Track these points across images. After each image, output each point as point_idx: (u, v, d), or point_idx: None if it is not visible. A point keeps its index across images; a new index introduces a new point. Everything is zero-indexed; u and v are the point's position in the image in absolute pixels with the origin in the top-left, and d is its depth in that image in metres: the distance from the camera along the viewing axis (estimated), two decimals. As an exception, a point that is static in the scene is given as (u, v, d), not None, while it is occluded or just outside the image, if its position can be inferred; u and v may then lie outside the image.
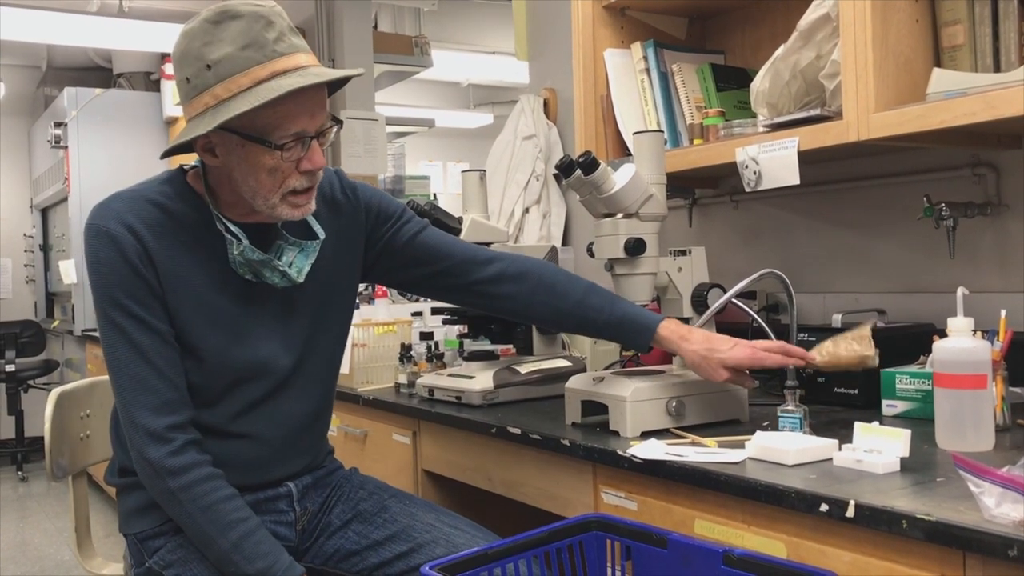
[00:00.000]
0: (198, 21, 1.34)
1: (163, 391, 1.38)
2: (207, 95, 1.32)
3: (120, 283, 1.37)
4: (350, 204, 1.58)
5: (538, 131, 2.86)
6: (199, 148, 1.38)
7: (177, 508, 1.38)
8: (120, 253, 1.36)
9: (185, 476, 1.36)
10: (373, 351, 2.32)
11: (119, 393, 1.39)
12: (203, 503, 1.36)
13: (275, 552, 1.38)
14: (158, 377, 1.38)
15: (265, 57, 1.31)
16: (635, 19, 2.19)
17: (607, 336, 1.63)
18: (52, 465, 1.87)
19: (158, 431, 1.36)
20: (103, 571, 1.92)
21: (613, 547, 1.33)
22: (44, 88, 6.46)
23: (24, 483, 5.83)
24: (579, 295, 1.58)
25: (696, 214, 2.39)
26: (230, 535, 1.36)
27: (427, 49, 4.67)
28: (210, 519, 1.36)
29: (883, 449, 1.22)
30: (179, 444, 1.37)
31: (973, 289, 1.41)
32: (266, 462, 1.52)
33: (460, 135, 7.68)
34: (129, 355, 1.37)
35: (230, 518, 1.37)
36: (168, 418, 1.37)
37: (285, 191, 1.38)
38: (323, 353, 1.57)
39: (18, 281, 6.64)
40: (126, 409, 1.38)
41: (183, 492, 1.36)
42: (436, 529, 1.55)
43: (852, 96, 1.53)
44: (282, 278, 1.45)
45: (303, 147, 1.36)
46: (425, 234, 1.63)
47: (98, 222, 1.39)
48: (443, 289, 1.65)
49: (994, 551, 0.95)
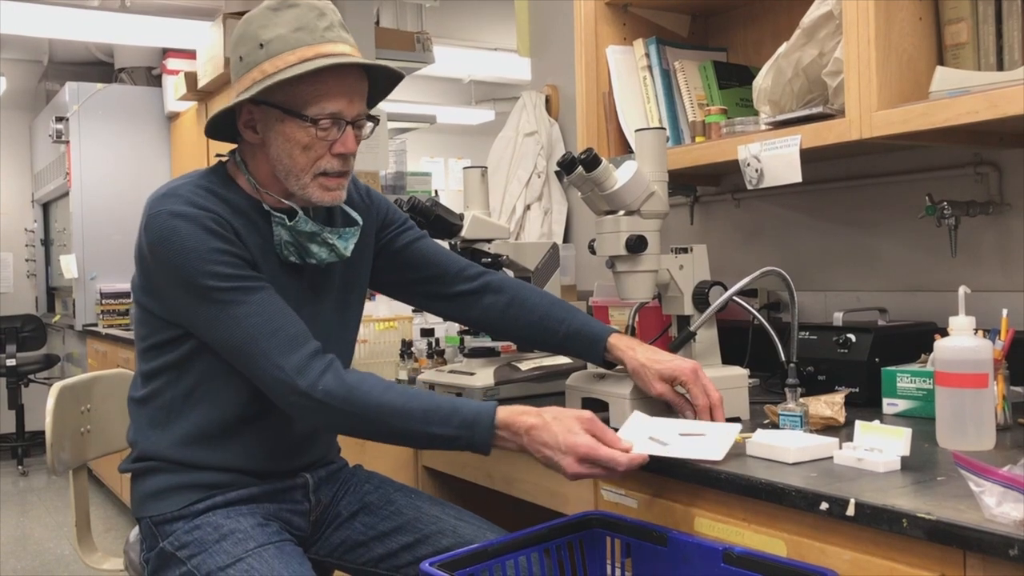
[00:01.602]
0: (259, 8, 1.44)
1: (289, 326, 1.39)
2: (256, 71, 1.41)
3: (210, 253, 1.38)
4: (364, 204, 1.65)
5: (540, 128, 2.86)
6: (241, 124, 1.46)
7: (353, 421, 1.37)
8: (203, 227, 1.39)
9: (341, 392, 1.35)
10: (374, 347, 2.33)
11: (248, 349, 1.37)
12: (373, 403, 1.35)
13: (459, 405, 1.36)
14: (280, 314, 1.39)
15: (314, 40, 1.40)
16: (637, 16, 2.18)
17: (567, 349, 1.65)
18: (53, 459, 1.87)
19: (300, 364, 1.36)
20: (103, 565, 1.93)
21: (613, 544, 1.33)
22: (45, 83, 6.46)
23: (24, 477, 5.83)
24: (544, 309, 1.65)
25: (698, 212, 2.39)
26: (415, 415, 1.34)
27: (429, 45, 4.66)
28: (389, 412, 1.35)
29: (884, 448, 1.22)
30: (321, 368, 1.36)
31: (975, 288, 1.40)
32: (291, 448, 1.55)
33: (462, 132, 7.68)
34: (241, 310, 1.38)
35: (401, 402, 1.35)
36: (304, 349, 1.37)
37: (317, 171, 1.44)
38: (341, 344, 1.62)
39: (19, 275, 6.65)
40: (261, 358, 1.37)
41: (349, 404, 1.35)
42: (442, 521, 1.56)
43: (855, 94, 1.53)
44: (330, 252, 1.50)
45: (339, 129, 1.42)
46: (422, 242, 1.71)
47: (168, 207, 1.41)
48: (428, 296, 1.71)
49: (995, 550, 0.95)
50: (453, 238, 1.99)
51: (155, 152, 5.57)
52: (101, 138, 5.44)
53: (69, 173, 5.40)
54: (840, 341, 1.68)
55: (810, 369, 1.71)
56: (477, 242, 2.02)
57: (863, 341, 1.66)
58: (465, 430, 1.33)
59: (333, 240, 1.50)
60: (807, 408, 1.45)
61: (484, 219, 2.06)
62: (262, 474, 1.50)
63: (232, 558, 1.40)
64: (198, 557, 1.43)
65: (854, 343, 1.67)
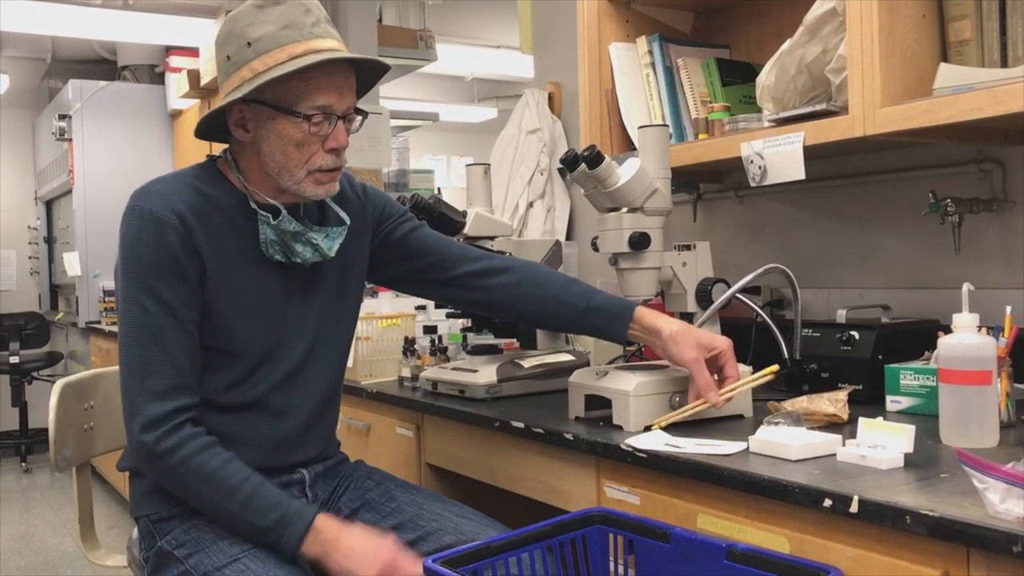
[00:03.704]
0: (244, 6, 1.44)
1: (170, 376, 1.41)
2: (245, 69, 1.41)
3: (157, 267, 1.41)
4: (359, 201, 1.65)
5: (542, 125, 2.86)
6: (232, 123, 1.46)
7: (179, 483, 1.41)
8: (164, 238, 1.41)
9: (180, 452, 1.39)
10: (377, 344, 2.33)
11: (126, 373, 1.42)
12: (203, 473, 1.39)
13: (284, 501, 1.41)
14: (168, 362, 1.41)
15: (302, 36, 1.41)
16: (640, 13, 2.18)
17: (587, 325, 1.64)
18: (56, 456, 1.87)
19: (158, 416, 1.39)
20: (106, 562, 1.93)
21: (616, 541, 1.33)
22: (48, 80, 6.46)
23: (28, 474, 5.84)
24: (560, 285, 1.64)
25: (701, 209, 2.38)
26: (237, 497, 1.39)
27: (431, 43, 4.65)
28: (214, 487, 1.39)
29: (887, 445, 1.22)
30: (173, 424, 1.39)
31: (978, 285, 1.40)
32: (284, 444, 1.55)
33: (464, 129, 7.68)
34: (145, 337, 1.41)
35: (232, 481, 1.40)
36: (170, 403, 1.40)
37: (311, 168, 1.45)
38: (334, 342, 1.62)
39: (22, 273, 6.65)
40: (129, 391, 1.41)
41: (182, 467, 1.39)
42: (444, 518, 1.56)
43: (858, 91, 1.53)
44: (314, 252, 1.51)
45: (330, 124, 1.43)
46: (421, 231, 1.71)
47: (145, 205, 1.43)
48: (431, 283, 1.70)
49: (998, 547, 0.95)
50: (456, 235, 1.99)
51: (158, 150, 5.57)
52: (104, 136, 5.44)
53: (72, 171, 5.40)
54: (843, 338, 1.68)
55: (813, 366, 1.71)
56: (480, 239, 2.02)
57: (866, 338, 1.66)
58: (279, 527, 1.39)
59: (318, 240, 1.50)
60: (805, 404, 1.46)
61: (487, 216, 2.06)
62: (260, 470, 1.48)
63: (229, 557, 1.41)
64: (196, 556, 1.43)
65: (857, 340, 1.67)
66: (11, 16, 4.63)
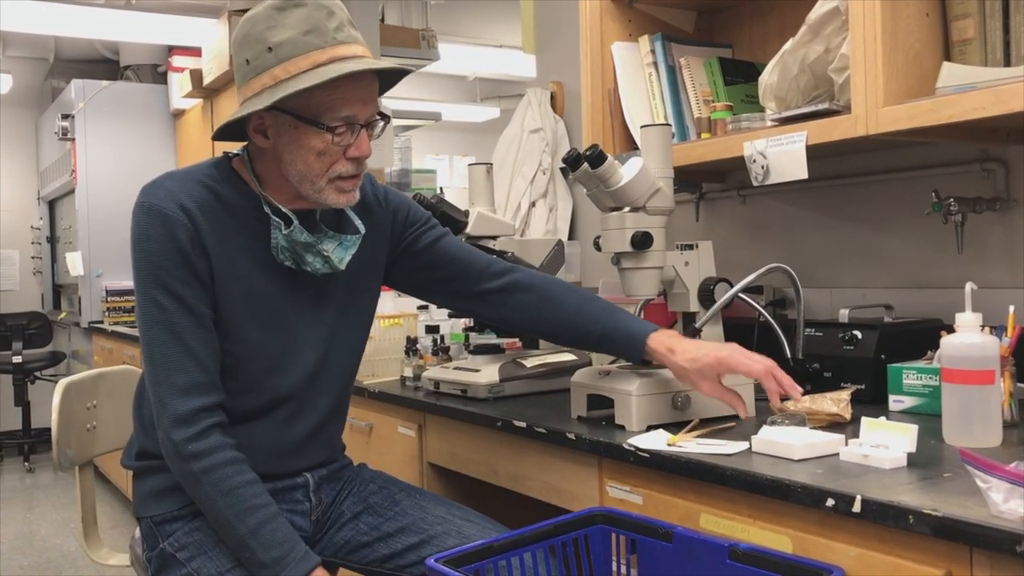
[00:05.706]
0: (263, 7, 1.40)
1: (194, 373, 1.39)
2: (266, 76, 1.37)
3: (167, 263, 1.39)
4: (380, 207, 1.62)
5: (545, 125, 2.86)
6: (251, 129, 1.43)
7: (198, 490, 1.39)
8: (172, 234, 1.39)
9: (207, 459, 1.37)
10: (379, 344, 2.33)
11: (151, 372, 1.40)
12: (224, 487, 1.37)
13: (291, 541, 1.39)
14: (191, 359, 1.39)
15: (325, 43, 1.37)
16: (643, 12, 2.18)
17: (604, 349, 1.62)
18: (59, 456, 1.88)
19: (185, 413, 1.37)
20: (109, 561, 1.93)
21: (618, 541, 1.33)
22: (51, 80, 6.46)
23: (31, 474, 5.85)
24: (576, 306, 1.60)
25: (703, 208, 2.38)
26: (248, 520, 1.37)
27: (434, 42, 4.65)
28: (229, 503, 1.37)
29: (890, 444, 1.22)
30: (204, 427, 1.38)
31: (981, 284, 1.40)
32: (289, 451, 1.54)
33: (466, 129, 7.68)
34: (165, 335, 1.39)
35: (249, 503, 1.38)
36: (196, 400, 1.38)
37: (332, 176, 1.42)
38: (346, 349, 1.59)
39: (25, 272, 6.65)
40: (156, 388, 1.39)
41: (204, 475, 1.37)
42: (448, 521, 1.55)
43: (861, 90, 1.52)
44: (324, 264, 1.48)
45: (352, 133, 1.40)
46: (446, 240, 1.67)
47: (152, 200, 1.41)
48: (454, 295, 1.67)
49: (1001, 547, 0.95)
50: (458, 235, 1.99)
51: (160, 149, 5.57)
52: (106, 135, 5.44)
53: (75, 170, 5.40)
54: (846, 338, 1.68)
55: (816, 366, 1.71)
56: (482, 239, 2.02)
57: (869, 338, 1.66)
58: (277, 566, 1.37)
59: (329, 252, 1.47)
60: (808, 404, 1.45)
61: (489, 216, 2.06)
62: (262, 474, 1.47)
63: (231, 562, 1.41)
64: (198, 560, 1.43)
65: (860, 340, 1.66)
66: (14, 16, 4.63)
